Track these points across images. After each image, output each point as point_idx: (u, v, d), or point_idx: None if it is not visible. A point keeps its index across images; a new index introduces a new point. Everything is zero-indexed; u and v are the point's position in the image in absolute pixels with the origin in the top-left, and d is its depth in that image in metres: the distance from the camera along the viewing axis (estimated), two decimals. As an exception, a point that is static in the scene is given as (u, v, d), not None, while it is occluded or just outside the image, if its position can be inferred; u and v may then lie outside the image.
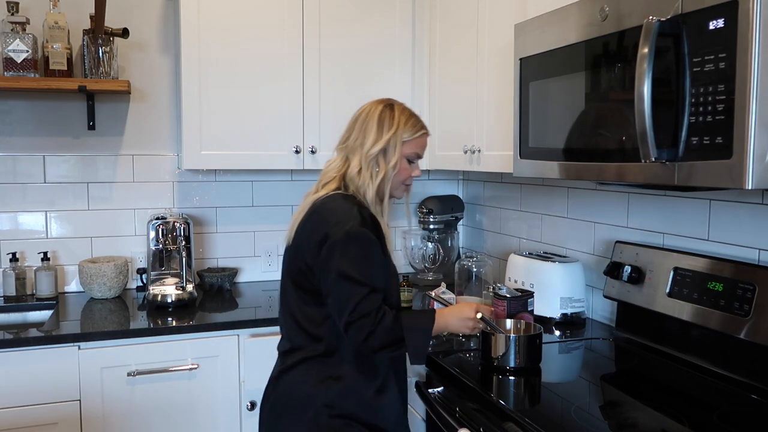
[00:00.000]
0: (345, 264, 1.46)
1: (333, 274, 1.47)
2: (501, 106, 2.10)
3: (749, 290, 1.53)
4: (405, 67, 2.67)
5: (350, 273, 1.46)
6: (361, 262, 1.47)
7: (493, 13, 2.16)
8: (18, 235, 2.55)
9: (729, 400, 1.52)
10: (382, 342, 1.46)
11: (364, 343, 1.46)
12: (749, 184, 1.13)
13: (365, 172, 1.58)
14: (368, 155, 1.58)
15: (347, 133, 1.65)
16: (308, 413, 1.52)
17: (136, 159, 2.68)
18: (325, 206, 1.55)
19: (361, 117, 1.63)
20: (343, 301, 1.46)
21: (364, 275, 1.47)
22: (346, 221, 1.49)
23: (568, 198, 2.34)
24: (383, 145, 1.58)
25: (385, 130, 1.59)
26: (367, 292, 1.45)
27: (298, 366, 1.57)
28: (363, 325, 1.44)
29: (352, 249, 1.47)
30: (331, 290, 1.49)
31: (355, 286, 1.45)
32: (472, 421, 1.56)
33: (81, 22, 2.51)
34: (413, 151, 1.63)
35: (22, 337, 1.99)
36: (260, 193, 2.86)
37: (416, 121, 1.63)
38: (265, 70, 2.48)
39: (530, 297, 2.04)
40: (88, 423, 2.05)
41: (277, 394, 1.60)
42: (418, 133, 1.63)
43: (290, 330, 1.62)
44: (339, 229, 1.48)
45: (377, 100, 1.66)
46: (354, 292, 1.45)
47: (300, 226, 1.59)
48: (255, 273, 2.88)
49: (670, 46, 1.28)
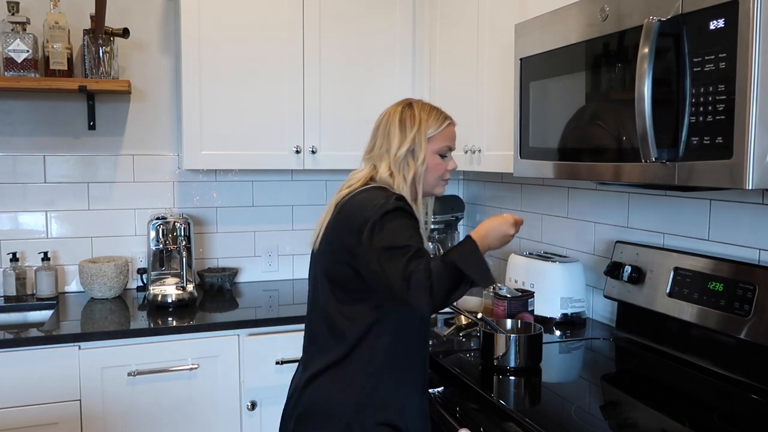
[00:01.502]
0: (387, 237, 1.40)
1: (377, 250, 1.40)
2: (501, 106, 2.10)
3: (749, 290, 1.53)
4: (405, 67, 2.67)
5: (393, 243, 1.39)
6: (401, 230, 1.42)
7: (494, 13, 2.16)
8: (18, 235, 2.56)
9: (729, 400, 1.52)
10: (444, 287, 1.36)
11: (430, 299, 1.35)
12: (749, 184, 1.13)
13: (397, 175, 1.54)
14: (396, 158, 1.54)
15: (372, 142, 1.61)
16: (340, 421, 1.48)
17: (136, 159, 2.68)
18: (355, 198, 1.51)
19: (383, 122, 1.60)
20: (394, 269, 1.37)
21: (405, 239, 1.40)
22: (382, 204, 1.44)
23: (568, 198, 2.34)
24: (409, 144, 1.54)
25: (408, 130, 1.55)
26: (412, 252, 1.38)
27: (327, 372, 1.52)
28: (418, 283, 1.34)
29: (390, 223, 1.42)
30: (378, 266, 1.40)
31: (399, 253, 1.38)
32: (472, 421, 1.56)
33: (81, 22, 2.51)
34: (443, 145, 1.58)
35: (23, 337, 1.99)
36: (261, 193, 2.86)
37: (438, 113, 1.59)
38: (265, 70, 2.49)
39: (530, 297, 2.05)
40: (89, 423, 2.05)
41: (305, 403, 1.54)
42: (443, 125, 1.58)
43: (320, 334, 1.56)
44: (376, 210, 1.43)
45: (396, 103, 1.62)
46: (400, 258, 1.37)
47: (330, 224, 1.54)
48: (255, 273, 2.88)
49: (671, 46, 1.28)
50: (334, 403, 1.50)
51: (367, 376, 1.50)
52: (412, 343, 1.57)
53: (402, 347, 1.54)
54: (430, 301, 1.35)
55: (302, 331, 1.66)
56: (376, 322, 1.51)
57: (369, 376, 1.50)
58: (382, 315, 1.50)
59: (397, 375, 1.53)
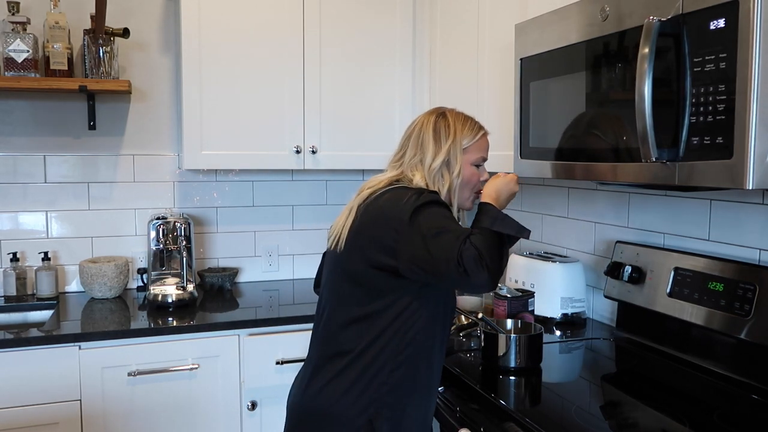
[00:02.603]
0: (429, 222, 1.38)
1: (420, 236, 1.37)
2: (501, 106, 2.10)
3: (750, 290, 1.53)
4: (405, 67, 2.67)
5: (437, 226, 1.37)
6: (440, 215, 1.40)
7: (494, 14, 2.16)
8: (18, 235, 2.56)
9: (730, 401, 1.52)
10: (495, 256, 1.35)
11: (488, 273, 1.33)
12: (750, 184, 1.13)
13: (432, 186, 1.51)
14: (432, 170, 1.51)
15: (401, 150, 1.58)
16: (351, 425, 1.44)
17: (136, 159, 2.68)
18: (383, 196, 1.47)
19: (415, 131, 1.56)
20: (443, 252, 1.35)
21: (447, 222, 1.39)
22: (416, 198, 1.42)
23: (568, 198, 2.34)
24: (445, 156, 1.51)
25: (443, 141, 1.52)
26: (458, 233, 1.36)
27: (339, 377, 1.47)
28: (472, 261, 1.32)
29: (428, 210, 1.40)
30: (426, 252, 1.37)
31: (445, 236, 1.36)
32: (472, 421, 1.56)
33: (82, 21, 2.51)
34: (478, 156, 1.56)
35: (23, 337, 1.99)
36: (261, 193, 2.86)
37: (473, 124, 1.57)
38: (265, 70, 2.49)
39: (531, 297, 2.05)
40: (89, 423, 2.05)
41: (315, 407, 1.49)
42: (477, 136, 1.56)
43: (333, 337, 1.51)
44: (413, 203, 1.40)
45: (428, 111, 1.59)
46: (448, 239, 1.35)
47: (356, 224, 1.49)
48: (256, 273, 2.88)
49: (671, 46, 1.28)
50: (345, 407, 1.45)
51: (380, 381, 1.46)
52: (428, 352, 1.52)
53: (420, 358, 1.49)
54: (488, 275, 1.34)
55: (303, 331, 1.65)
56: (392, 327, 1.46)
57: (381, 381, 1.46)
58: (401, 321, 1.46)
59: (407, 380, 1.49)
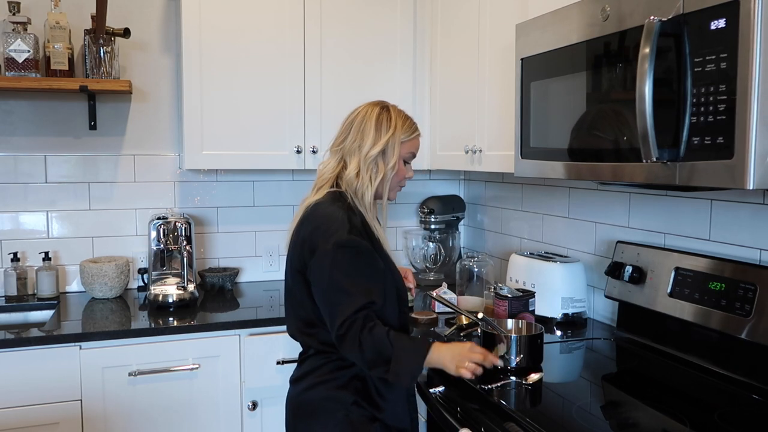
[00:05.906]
0: (335, 275, 1.47)
1: (324, 284, 1.48)
2: (502, 106, 2.10)
3: (750, 290, 1.53)
4: (406, 67, 2.67)
5: (341, 284, 1.47)
6: (352, 272, 1.48)
7: (495, 14, 2.16)
8: (19, 235, 2.56)
9: (730, 400, 1.52)
10: (371, 355, 1.45)
11: (358, 353, 1.46)
12: (750, 184, 1.13)
13: (364, 174, 1.59)
14: (368, 157, 1.60)
15: (342, 135, 1.66)
16: (338, 414, 1.55)
17: (137, 159, 2.68)
18: (315, 212, 1.58)
19: (358, 119, 1.64)
20: (333, 313, 1.47)
21: (355, 285, 1.47)
22: (334, 230, 1.50)
23: (569, 198, 2.34)
24: (382, 146, 1.60)
25: (383, 132, 1.61)
26: (359, 303, 1.45)
27: (316, 371, 1.60)
28: (353, 337, 1.44)
29: (341, 259, 1.48)
30: (322, 301, 1.51)
31: (346, 297, 1.46)
32: (473, 421, 1.56)
33: (82, 21, 2.51)
34: (409, 152, 1.67)
35: (24, 337, 1.99)
36: (261, 193, 2.86)
37: (411, 123, 1.68)
38: (266, 70, 2.49)
39: (531, 297, 2.05)
40: (90, 423, 2.05)
41: (302, 400, 1.62)
42: (413, 134, 1.67)
43: (302, 331, 1.64)
44: (328, 239, 1.49)
45: (371, 103, 1.68)
46: (345, 303, 1.46)
47: (295, 232, 1.62)
48: (256, 273, 2.88)
49: (672, 46, 1.28)
50: (330, 397, 1.56)
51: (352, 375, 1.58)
52: None
53: None
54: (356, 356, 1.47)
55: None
56: None
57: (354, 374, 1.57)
58: None
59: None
